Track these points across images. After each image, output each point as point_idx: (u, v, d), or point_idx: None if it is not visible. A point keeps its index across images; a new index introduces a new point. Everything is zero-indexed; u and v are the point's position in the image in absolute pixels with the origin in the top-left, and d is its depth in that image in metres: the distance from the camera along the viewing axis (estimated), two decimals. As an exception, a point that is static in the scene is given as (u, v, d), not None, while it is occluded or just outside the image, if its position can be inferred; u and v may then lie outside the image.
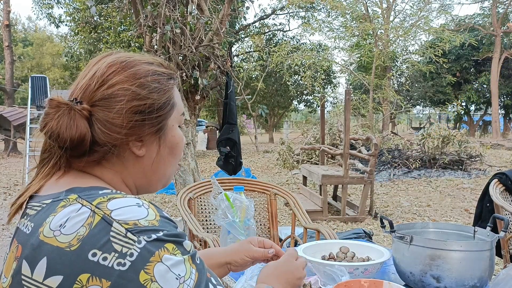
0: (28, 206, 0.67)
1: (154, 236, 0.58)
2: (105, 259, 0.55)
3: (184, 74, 4.78)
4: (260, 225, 2.24)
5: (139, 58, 0.74)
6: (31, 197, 0.69)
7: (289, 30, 21.16)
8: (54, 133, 0.65)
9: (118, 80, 0.68)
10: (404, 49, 15.97)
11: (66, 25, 16.41)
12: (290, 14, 19.28)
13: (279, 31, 20.64)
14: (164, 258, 0.57)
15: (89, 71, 0.70)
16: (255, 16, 25.42)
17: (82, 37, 13.98)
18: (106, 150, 0.68)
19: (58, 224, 0.59)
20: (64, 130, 0.64)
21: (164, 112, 0.72)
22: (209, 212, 2.21)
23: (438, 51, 13.14)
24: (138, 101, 0.68)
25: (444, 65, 15.00)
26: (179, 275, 0.58)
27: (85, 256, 0.55)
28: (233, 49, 18.86)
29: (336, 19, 16.20)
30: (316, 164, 8.35)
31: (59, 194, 0.64)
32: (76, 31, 14.21)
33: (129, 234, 0.57)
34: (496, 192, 2.04)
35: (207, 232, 2.08)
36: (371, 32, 13.86)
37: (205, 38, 4.83)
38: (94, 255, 0.55)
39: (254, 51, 19.41)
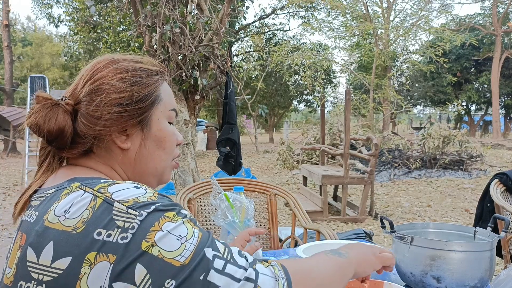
0: (32, 199, 0.70)
1: (153, 207, 0.60)
2: (109, 235, 0.58)
3: (183, 74, 4.77)
4: (260, 225, 2.23)
5: (126, 57, 0.77)
6: (34, 191, 0.72)
7: (289, 29, 21.18)
8: (34, 125, 0.69)
9: (101, 75, 0.72)
10: (405, 49, 15.97)
11: (65, 24, 16.41)
12: (290, 13, 19.26)
13: (279, 31, 20.64)
14: (164, 226, 0.59)
15: (80, 72, 0.76)
16: (255, 15, 25.41)
17: (82, 37, 13.97)
18: (87, 142, 0.72)
19: (63, 210, 0.61)
20: (43, 122, 0.69)
21: (144, 105, 0.74)
22: (208, 213, 2.20)
23: (439, 50, 13.13)
24: (117, 94, 0.71)
25: (444, 65, 14.99)
26: (180, 235, 0.59)
27: (91, 237, 0.58)
28: (233, 48, 18.86)
29: (336, 18, 16.19)
30: (316, 164, 8.34)
31: (62, 183, 0.68)
32: (76, 30, 14.20)
33: (130, 210, 0.59)
34: (496, 192, 2.03)
35: (207, 232, 2.07)
36: (371, 32, 13.85)
37: (204, 37, 4.82)
38: (99, 234, 0.58)
39: (254, 51, 19.40)
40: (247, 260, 0.63)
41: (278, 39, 20.36)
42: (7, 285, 0.63)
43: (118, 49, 12.65)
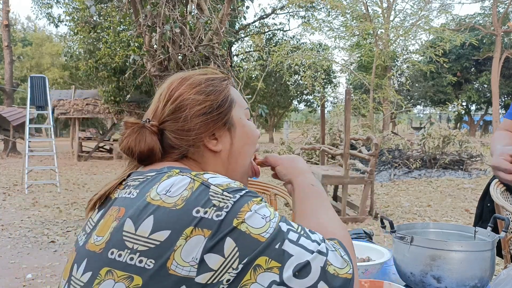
0: (128, 181, 0.78)
1: (244, 192, 0.69)
2: (205, 213, 0.64)
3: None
4: (260, 225, 2.23)
5: (193, 72, 0.88)
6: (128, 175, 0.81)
7: (289, 29, 21.19)
8: (127, 149, 0.79)
9: (178, 93, 0.82)
10: (405, 49, 15.97)
11: (65, 24, 16.41)
12: (290, 13, 19.27)
13: (279, 31, 20.64)
14: (253, 207, 0.67)
15: (156, 94, 0.86)
16: (255, 15, 25.40)
17: (82, 36, 13.95)
18: (183, 151, 0.81)
19: (164, 189, 0.69)
20: (134, 145, 0.78)
21: (224, 109, 0.83)
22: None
23: (439, 50, 13.13)
24: (199, 106, 0.81)
25: (444, 64, 14.99)
26: (264, 215, 0.67)
27: (190, 213, 0.64)
28: (233, 48, 18.85)
29: (336, 18, 16.20)
30: (316, 164, 8.34)
31: (162, 168, 0.76)
32: (76, 30, 14.19)
33: (225, 193, 0.67)
34: (496, 192, 2.03)
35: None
36: (371, 32, 13.86)
37: (204, 37, 4.83)
38: (198, 212, 0.64)
39: (254, 51, 19.41)
40: (319, 237, 0.69)
41: (278, 39, 20.37)
42: (94, 252, 0.69)
43: (118, 49, 12.65)
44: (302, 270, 0.63)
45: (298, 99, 24.70)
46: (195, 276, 0.62)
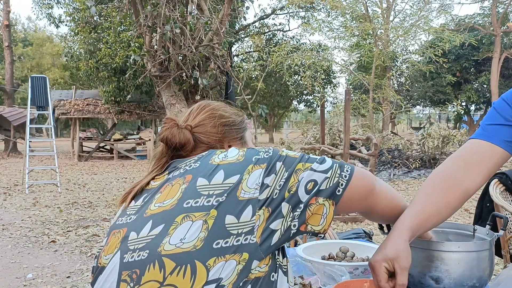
0: (173, 166, 0.98)
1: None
2: (259, 155, 0.90)
3: (184, 74, 4.79)
4: (260, 225, 2.23)
5: (218, 103, 1.15)
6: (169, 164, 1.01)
7: (289, 30, 21.17)
8: (167, 139, 1.00)
9: (210, 108, 1.10)
10: (404, 49, 15.99)
11: (66, 25, 16.41)
12: (290, 14, 19.28)
13: (279, 31, 20.64)
14: (283, 150, 0.96)
15: (187, 110, 1.12)
16: (255, 16, 25.42)
17: (82, 37, 13.96)
18: (208, 147, 1.05)
19: (223, 155, 0.93)
20: (175, 136, 1.00)
21: (242, 127, 1.13)
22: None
23: (438, 51, 13.13)
24: (225, 119, 1.09)
25: (444, 65, 14.99)
26: (291, 151, 0.97)
27: (250, 160, 0.89)
28: (233, 49, 18.86)
29: (336, 19, 16.20)
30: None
31: (208, 150, 0.99)
32: (76, 31, 14.20)
33: (265, 147, 0.94)
34: (496, 192, 2.04)
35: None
36: (371, 32, 13.86)
37: (205, 38, 4.84)
38: (255, 158, 0.90)
39: (254, 51, 19.42)
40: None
41: (278, 39, 20.36)
42: (162, 211, 0.86)
43: (118, 49, 12.65)
44: (322, 161, 0.92)
45: (298, 99, 24.69)
46: (258, 195, 0.84)
